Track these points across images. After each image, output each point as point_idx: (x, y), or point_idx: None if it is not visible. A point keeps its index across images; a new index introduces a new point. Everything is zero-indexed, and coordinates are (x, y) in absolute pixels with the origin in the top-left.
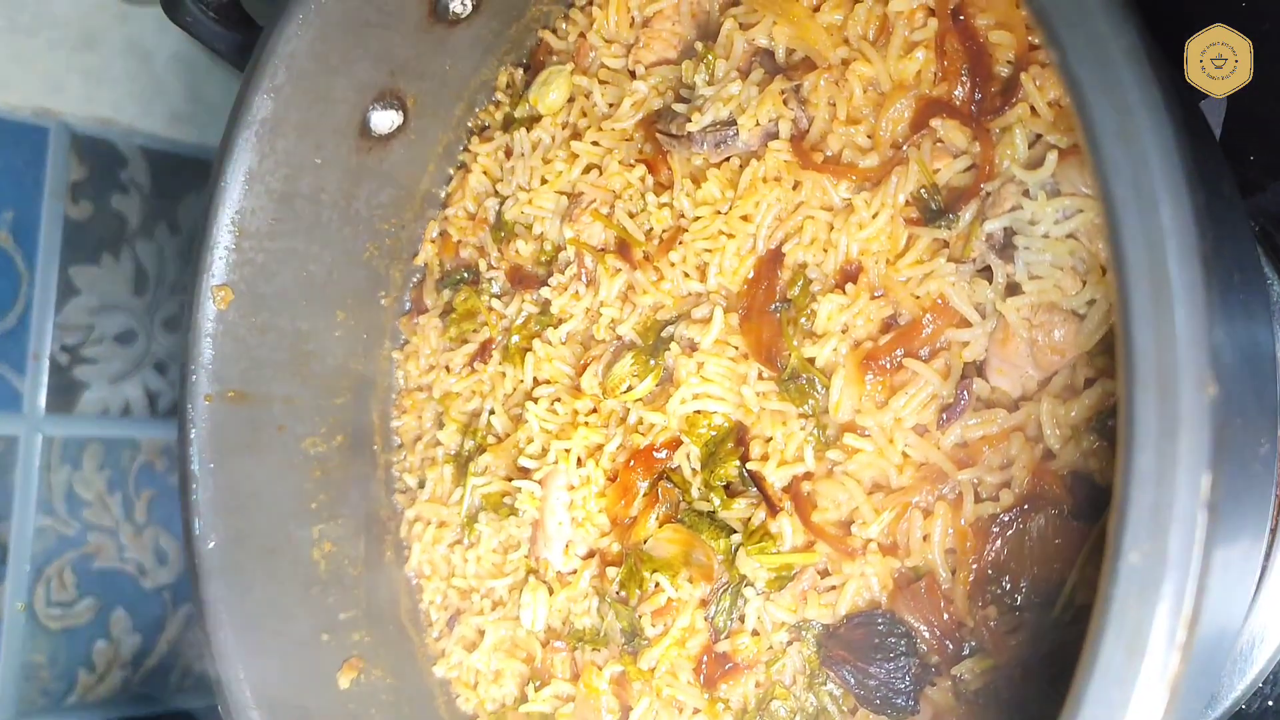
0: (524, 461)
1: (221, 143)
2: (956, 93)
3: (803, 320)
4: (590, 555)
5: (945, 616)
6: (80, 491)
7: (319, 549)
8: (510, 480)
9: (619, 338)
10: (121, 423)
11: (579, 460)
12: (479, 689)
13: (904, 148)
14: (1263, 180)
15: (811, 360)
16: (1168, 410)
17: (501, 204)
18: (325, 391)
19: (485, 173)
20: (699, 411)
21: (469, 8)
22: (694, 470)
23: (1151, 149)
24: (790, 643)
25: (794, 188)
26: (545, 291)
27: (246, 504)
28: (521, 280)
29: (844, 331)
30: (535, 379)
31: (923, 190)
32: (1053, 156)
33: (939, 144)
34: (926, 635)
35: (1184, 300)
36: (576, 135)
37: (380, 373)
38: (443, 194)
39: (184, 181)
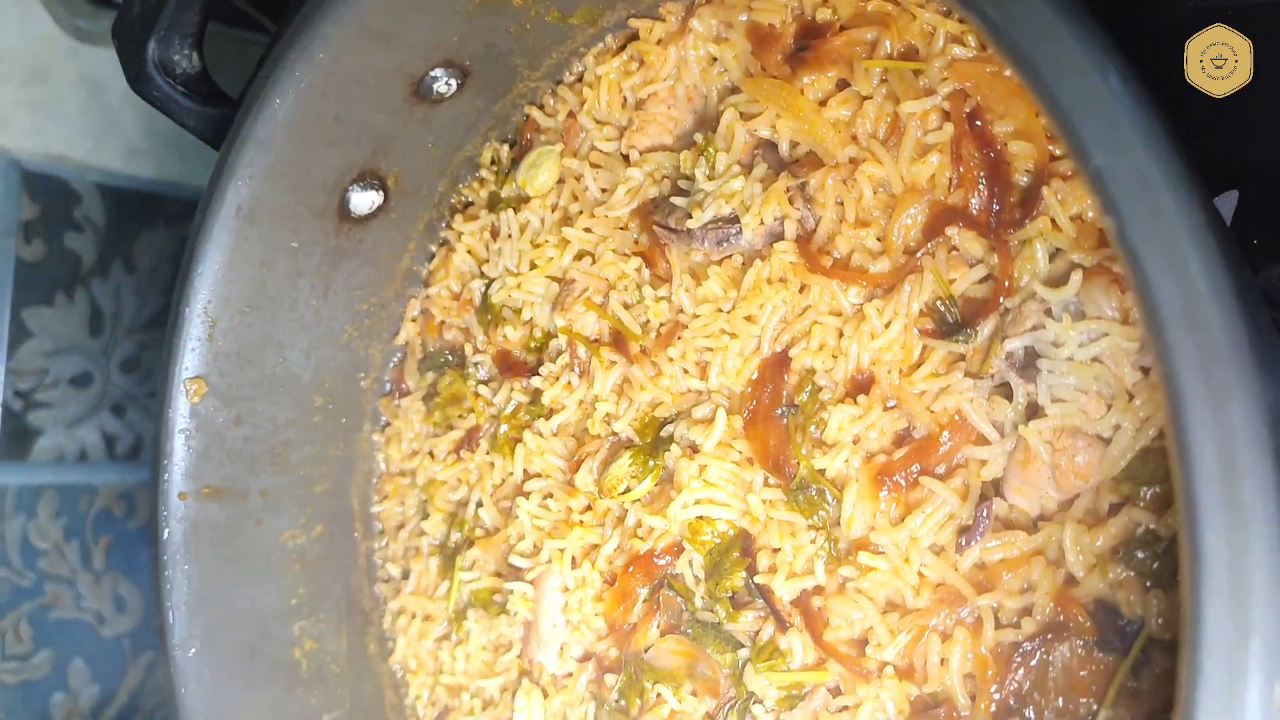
0: (515, 560)
1: (193, 229)
2: (973, 200)
3: (812, 428)
4: (586, 658)
5: None
6: (36, 541)
7: (300, 648)
8: (500, 576)
9: (615, 434)
10: (78, 468)
11: (574, 561)
12: None
13: (918, 255)
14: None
15: (822, 472)
16: (1239, 618)
17: (488, 286)
18: (304, 480)
19: (470, 252)
20: (702, 518)
21: (453, 87)
22: (697, 579)
23: (1222, 341)
24: None
25: (800, 290)
26: (536, 381)
27: (224, 605)
28: (510, 367)
29: (855, 443)
30: (526, 472)
31: (939, 301)
32: (1077, 276)
33: (954, 252)
34: None
35: (1259, 508)
36: (567, 219)
37: (360, 456)
38: (424, 271)
39: (140, 218)
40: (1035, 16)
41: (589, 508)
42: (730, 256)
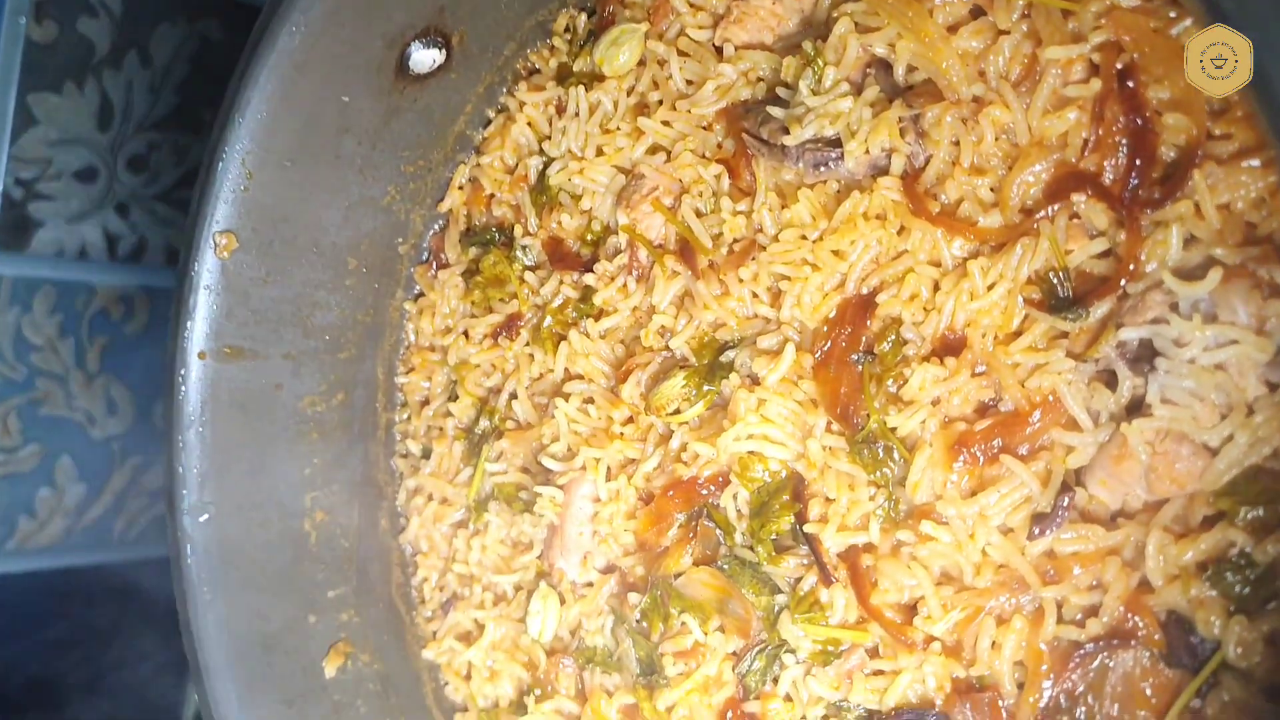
0: (546, 460)
1: (237, 73)
2: (1108, 169)
3: (889, 382)
4: (609, 571)
5: None
6: (30, 335)
7: (310, 519)
8: (527, 473)
9: (669, 350)
10: (77, 265)
11: (609, 473)
12: (471, 682)
13: (1036, 217)
14: None
15: (894, 429)
16: None
17: (546, 165)
18: (329, 346)
19: (530, 125)
20: (754, 454)
21: None
22: (740, 515)
23: None
24: (826, 718)
25: (899, 232)
26: (589, 278)
27: (237, 471)
28: (561, 257)
29: (935, 404)
30: (567, 371)
31: (1051, 272)
32: (1216, 274)
33: (1075, 221)
34: None
35: None
36: (644, 108)
37: (389, 324)
38: (478, 138)
39: (159, 8)
40: None
41: (631, 420)
42: (825, 182)
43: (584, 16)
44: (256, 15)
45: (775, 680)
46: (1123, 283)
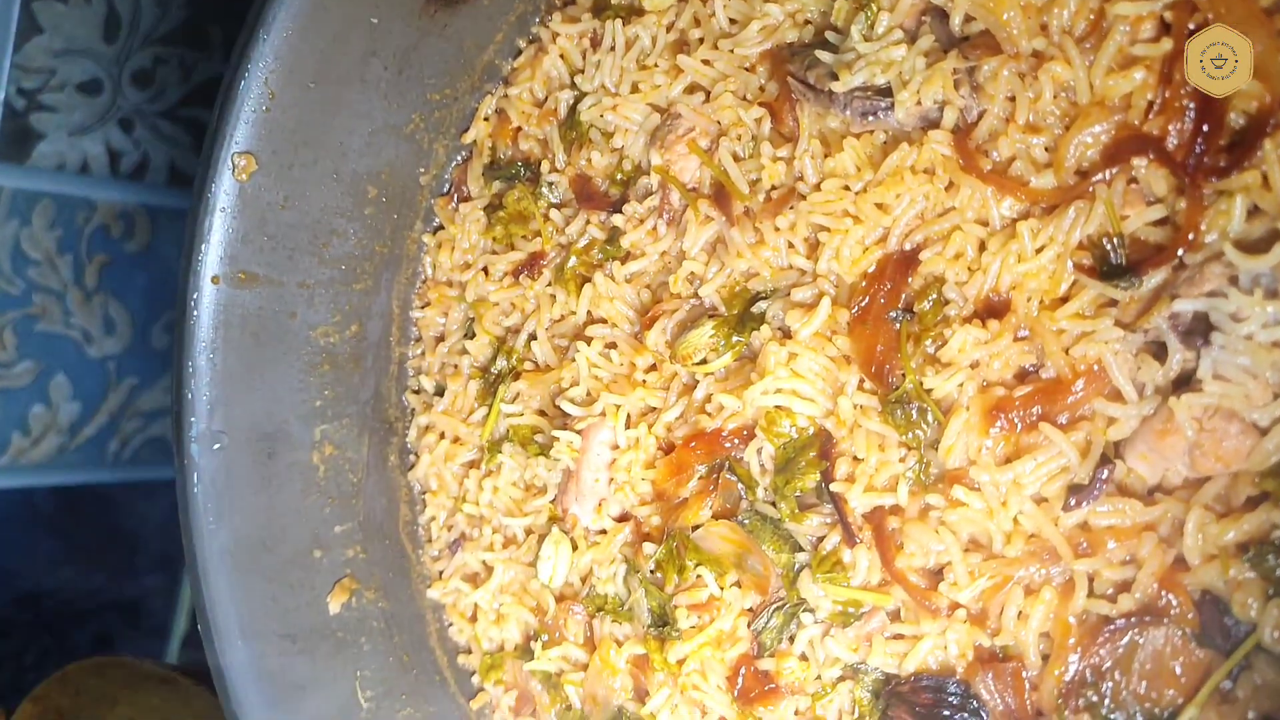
0: (565, 404)
1: None
2: (1172, 133)
3: (927, 342)
4: (624, 519)
5: (1027, 705)
6: (28, 249)
7: (319, 452)
8: (544, 416)
9: (698, 298)
10: (78, 180)
11: (629, 420)
12: (477, 624)
13: (1092, 180)
14: None
15: (929, 391)
16: None
17: (577, 100)
18: (344, 275)
19: (563, 57)
20: (781, 408)
21: None
22: (764, 470)
23: None
24: (842, 679)
25: (947, 188)
26: (616, 219)
27: (247, 400)
28: (589, 197)
29: (974, 368)
30: (590, 314)
31: (1105, 237)
32: None
33: (1133, 186)
34: (1003, 719)
35: None
36: (684, 45)
37: (407, 257)
38: (507, 68)
39: None
40: None
41: (654, 368)
42: (872, 132)
43: None
44: None
45: (791, 639)
46: (1180, 252)
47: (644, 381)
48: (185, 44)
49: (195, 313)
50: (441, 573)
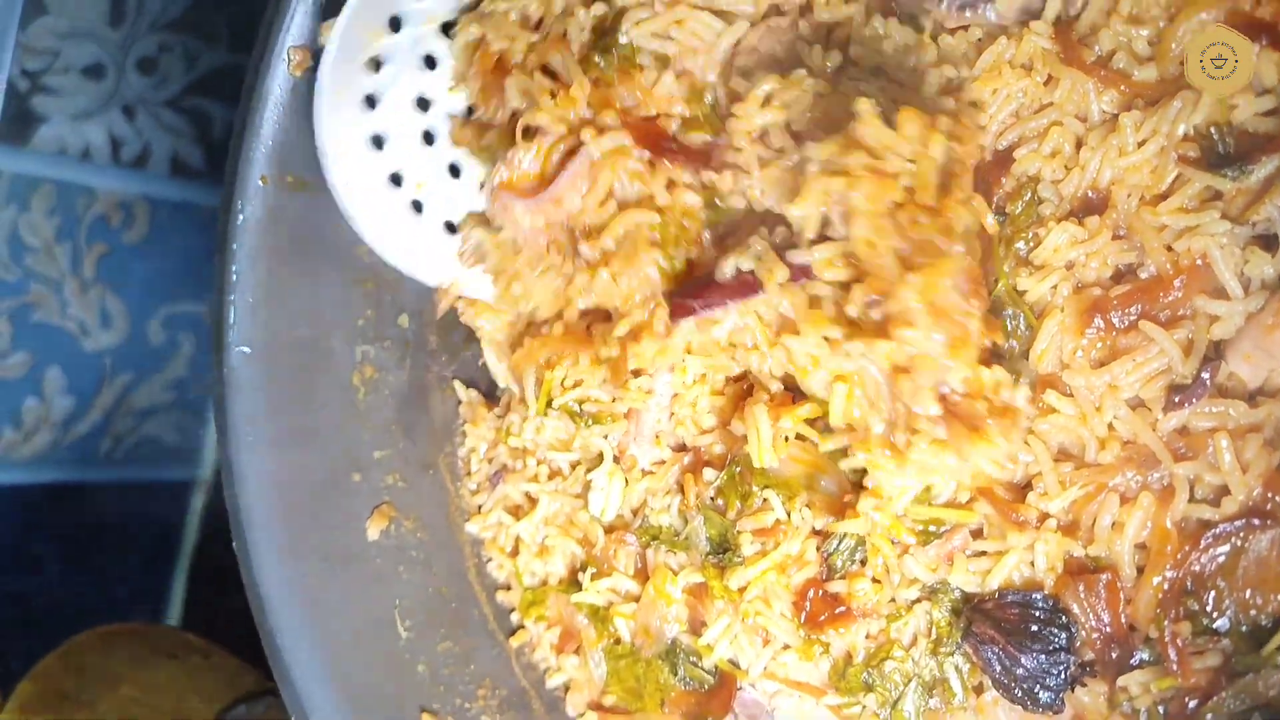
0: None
1: None
2: None
3: (1020, 244)
4: (681, 449)
5: (1122, 619)
6: (26, 235)
7: (360, 373)
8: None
9: None
10: (80, 166)
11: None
12: (519, 559)
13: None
14: None
15: (1023, 294)
16: None
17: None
18: None
19: None
20: None
21: None
22: None
23: None
24: (918, 600)
25: (1045, 83)
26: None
27: (288, 310)
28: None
29: (1069, 269)
30: None
31: (1211, 127)
32: None
33: None
34: (1093, 633)
35: None
36: None
37: None
38: None
39: None
40: None
41: None
42: (967, 28)
43: None
44: None
45: (864, 561)
46: None
47: None
48: (191, 32)
49: (240, 215)
50: (481, 507)
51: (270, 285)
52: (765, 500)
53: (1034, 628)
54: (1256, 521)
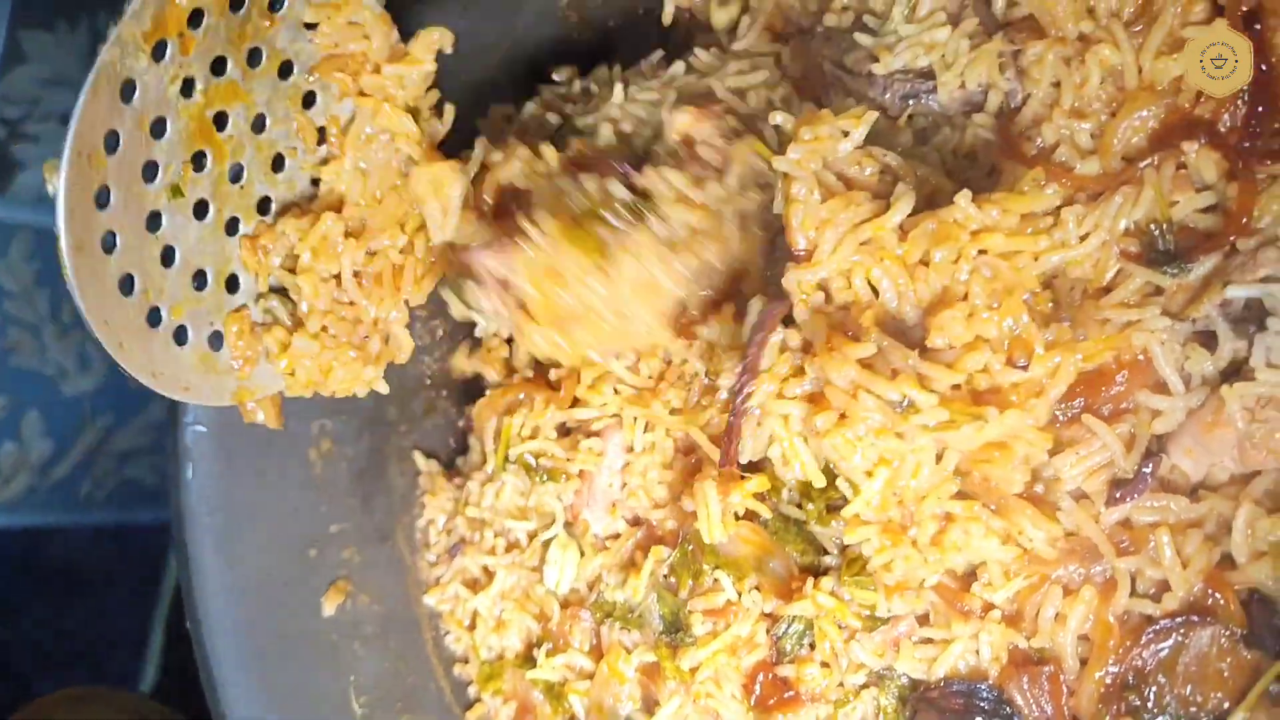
0: (581, 412)
1: None
2: (1225, 117)
3: None
4: (636, 524)
5: (1065, 711)
6: (4, 281)
7: (317, 448)
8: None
9: None
10: None
11: (647, 425)
12: (475, 632)
13: (1139, 166)
14: None
15: None
16: None
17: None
18: None
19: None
20: None
21: None
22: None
23: None
24: (866, 686)
25: (989, 174)
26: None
27: None
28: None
29: None
30: None
31: (1152, 224)
32: None
33: (1182, 171)
34: None
35: None
36: None
37: None
38: None
39: None
40: None
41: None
42: (912, 116)
43: None
44: None
45: (812, 645)
46: (1232, 239)
47: (658, 389)
48: None
49: None
50: (439, 579)
51: None
52: (716, 580)
53: (978, 717)
54: (1196, 618)
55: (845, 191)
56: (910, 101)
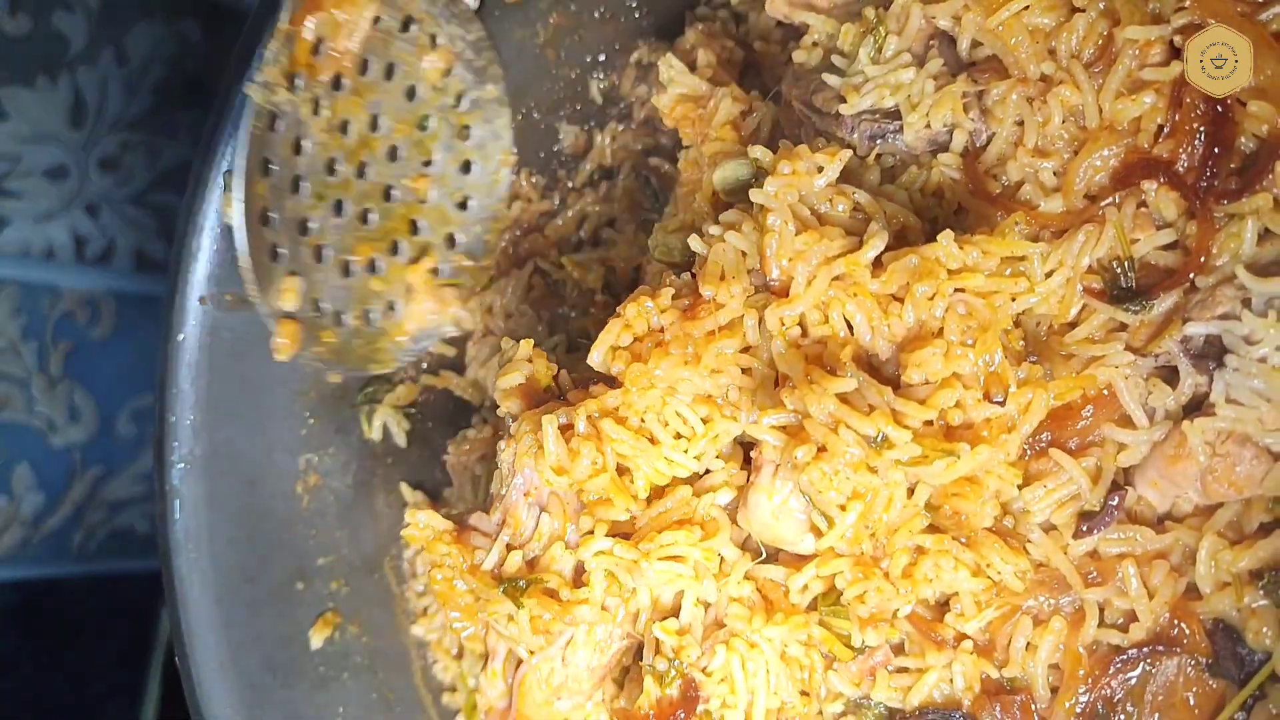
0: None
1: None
2: (1183, 157)
3: None
4: None
5: None
6: None
7: (304, 481)
8: None
9: None
10: (43, 266)
11: None
12: (462, 661)
13: (1101, 204)
14: None
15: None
16: None
17: None
18: None
19: None
20: None
21: None
22: None
23: None
24: (843, 714)
25: (955, 213)
26: None
27: (231, 425)
28: None
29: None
30: None
31: (1115, 261)
32: None
33: (1143, 210)
34: None
35: None
36: None
37: None
38: None
39: (139, 6)
40: None
41: None
42: (879, 155)
43: None
44: (234, 18)
45: None
46: (1191, 276)
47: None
48: (152, 130)
49: (180, 334)
50: (426, 609)
51: (211, 402)
52: None
53: None
54: (1162, 648)
55: (819, 226)
56: (878, 141)
